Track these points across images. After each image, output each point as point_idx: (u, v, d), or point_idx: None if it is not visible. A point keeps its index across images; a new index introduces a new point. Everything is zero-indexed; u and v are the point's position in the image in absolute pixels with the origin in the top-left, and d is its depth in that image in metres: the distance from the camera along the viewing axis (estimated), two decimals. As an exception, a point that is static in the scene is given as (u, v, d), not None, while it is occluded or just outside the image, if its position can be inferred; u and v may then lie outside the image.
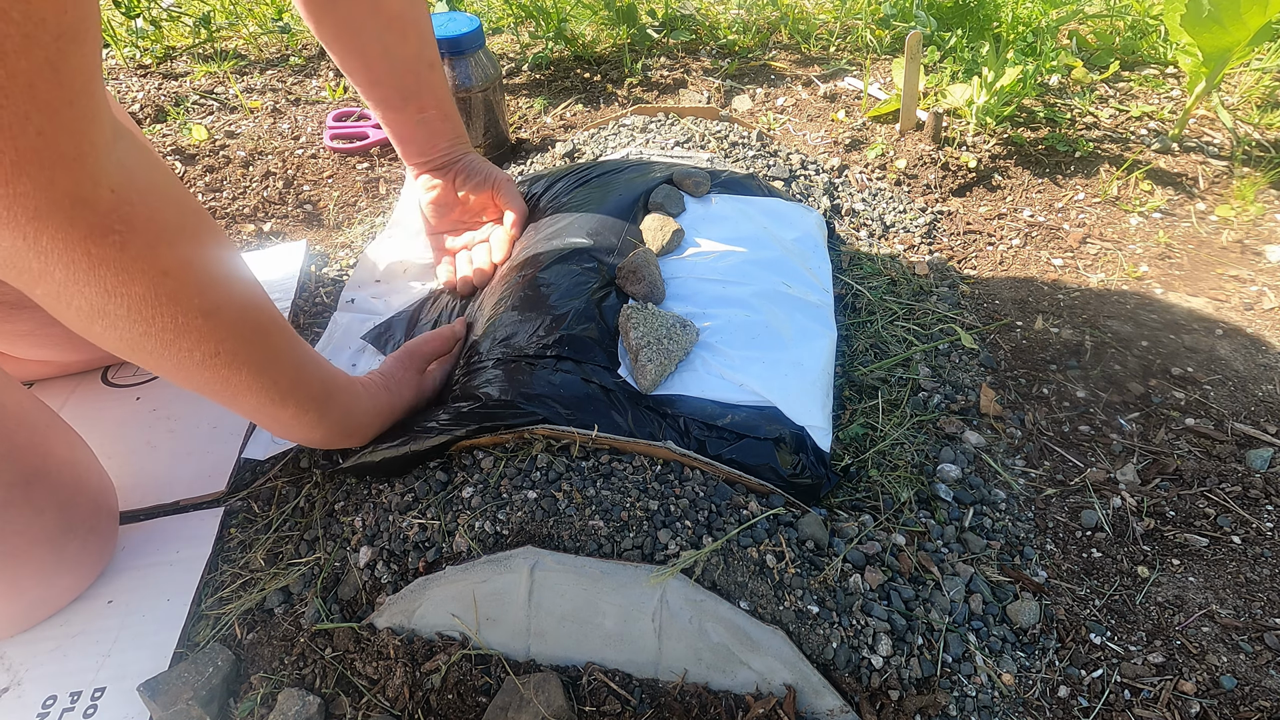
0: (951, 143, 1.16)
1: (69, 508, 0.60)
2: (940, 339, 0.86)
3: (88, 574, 0.64)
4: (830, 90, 1.33)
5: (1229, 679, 0.57)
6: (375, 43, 0.80)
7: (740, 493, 0.64)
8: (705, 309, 0.80)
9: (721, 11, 1.58)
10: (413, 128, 0.88)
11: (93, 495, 0.64)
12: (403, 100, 0.86)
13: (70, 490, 0.61)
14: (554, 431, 0.64)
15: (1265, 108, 1.19)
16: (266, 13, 1.68)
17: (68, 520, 0.60)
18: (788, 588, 0.57)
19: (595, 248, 0.83)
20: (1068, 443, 0.77)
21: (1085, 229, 1.03)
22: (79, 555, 0.62)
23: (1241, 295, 0.91)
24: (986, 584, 0.63)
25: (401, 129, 0.89)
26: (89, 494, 0.63)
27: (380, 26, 0.79)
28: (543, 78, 1.44)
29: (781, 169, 1.06)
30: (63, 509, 0.59)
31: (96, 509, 0.64)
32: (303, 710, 0.53)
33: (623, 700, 0.53)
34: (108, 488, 0.67)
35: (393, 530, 0.61)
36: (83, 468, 0.64)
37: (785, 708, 0.52)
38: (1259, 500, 0.70)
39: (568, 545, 0.58)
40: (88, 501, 0.63)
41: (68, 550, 0.60)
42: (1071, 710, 0.57)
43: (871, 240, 1.01)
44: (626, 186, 0.93)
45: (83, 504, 0.62)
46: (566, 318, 0.74)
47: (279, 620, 0.61)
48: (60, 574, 0.61)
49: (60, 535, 0.59)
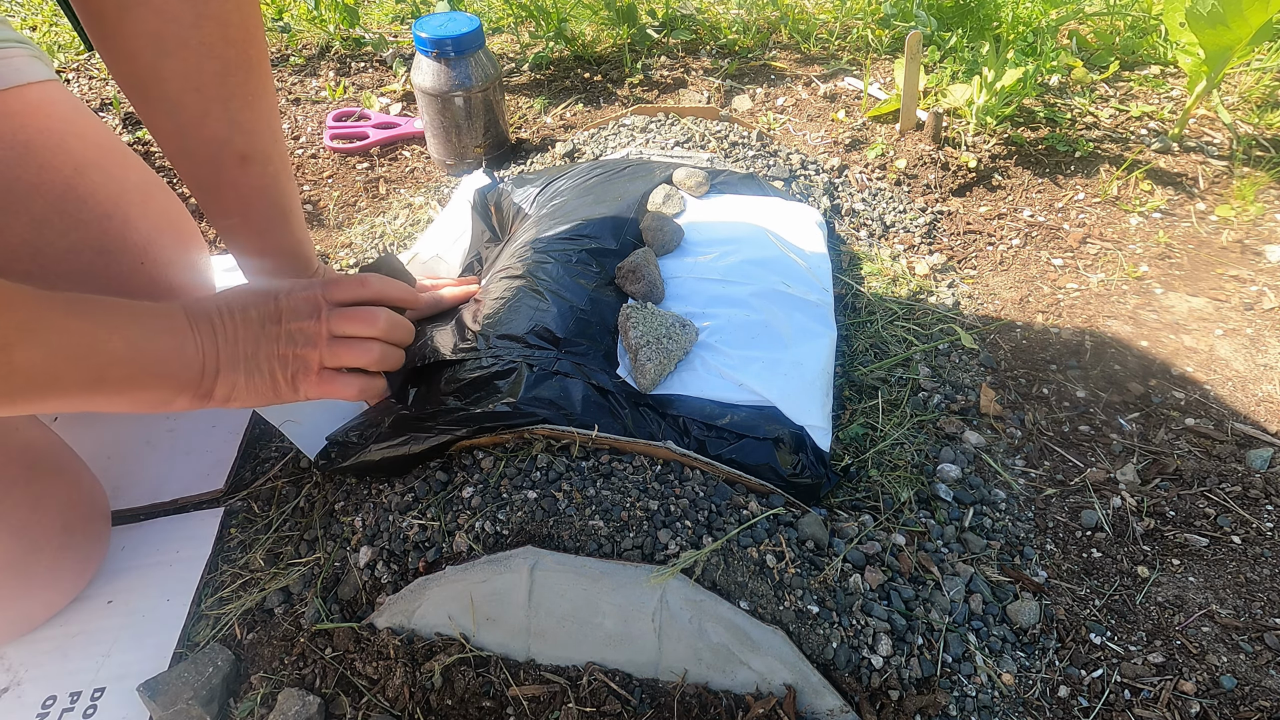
0: (951, 143, 1.16)
1: (65, 510, 0.60)
2: (940, 339, 0.86)
3: (81, 576, 0.64)
4: (830, 90, 1.33)
5: (1229, 679, 0.57)
6: (161, 100, 0.57)
7: (740, 493, 0.64)
8: (705, 308, 0.80)
9: (721, 11, 1.58)
10: (234, 244, 0.68)
11: (85, 497, 0.64)
12: (205, 200, 0.65)
13: (65, 492, 0.60)
14: (554, 431, 0.64)
15: (1265, 107, 1.19)
16: (266, 13, 1.68)
17: (64, 522, 0.60)
18: (788, 588, 0.57)
19: (595, 247, 0.83)
20: (1068, 443, 0.77)
21: (1085, 229, 1.03)
22: (73, 557, 0.62)
23: (1241, 295, 0.91)
24: (986, 584, 0.63)
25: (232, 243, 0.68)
26: (82, 495, 0.63)
27: (176, 73, 0.56)
28: (543, 78, 1.44)
29: (781, 169, 1.06)
30: (61, 511, 0.59)
31: (90, 511, 0.64)
32: (303, 710, 0.53)
33: (623, 700, 0.53)
34: (98, 488, 0.67)
35: (393, 530, 0.61)
36: (72, 471, 0.63)
37: (785, 708, 0.52)
38: (1259, 500, 0.70)
39: (568, 545, 0.58)
40: (82, 503, 0.63)
41: (61, 553, 0.60)
42: (1071, 710, 0.57)
43: (871, 240, 1.01)
44: (626, 186, 0.93)
45: (78, 506, 0.62)
46: (566, 317, 0.74)
47: (279, 620, 0.61)
48: (55, 577, 0.61)
49: (56, 537, 0.59)
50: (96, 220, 0.72)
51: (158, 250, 0.78)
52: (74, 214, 0.70)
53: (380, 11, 1.69)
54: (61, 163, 0.69)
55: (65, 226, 0.70)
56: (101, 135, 0.75)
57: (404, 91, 1.40)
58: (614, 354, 0.75)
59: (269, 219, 0.66)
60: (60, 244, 0.70)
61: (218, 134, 0.59)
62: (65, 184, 0.69)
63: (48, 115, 0.69)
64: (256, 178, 0.63)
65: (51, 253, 0.69)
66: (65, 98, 0.73)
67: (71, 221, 0.70)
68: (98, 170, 0.72)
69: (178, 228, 0.82)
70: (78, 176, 0.70)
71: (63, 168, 0.69)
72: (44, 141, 0.68)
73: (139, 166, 0.79)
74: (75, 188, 0.70)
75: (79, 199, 0.70)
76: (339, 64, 1.50)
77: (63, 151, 0.69)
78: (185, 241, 0.83)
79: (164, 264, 0.79)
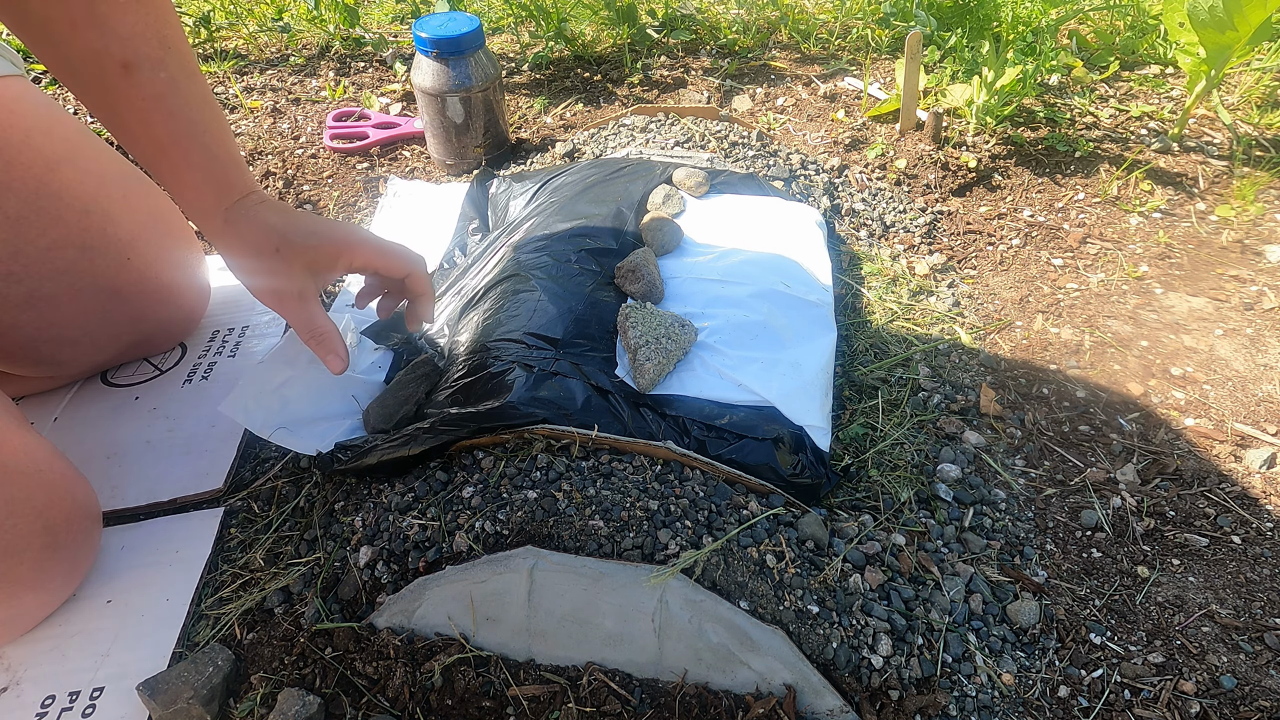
0: (951, 142, 1.16)
1: (45, 511, 0.58)
2: (940, 339, 0.86)
3: (71, 576, 0.63)
4: (830, 90, 1.33)
5: (1229, 679, 0.57)
6: (28, 16, 0.55)
7: (740, 493, 0.64)
8: (704, 309, 0.80)
9: (721, 11, 1.57)
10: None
11: (67, 496, 0.62)
12: (111, 126, 0.61)
13: (43, 493, 0.59)
14: (554, 431, 0.64)
15: (1265, 107, 1.19)
16: (266, 12, 1.68)
17: (45, 522, 0.58)
18: (788, 588, 0.57)
19: (594, 247, 0.83)
20: (1068, 443, 0.77)
21: (1085, 229, 1.03)
22: (60, 558, 0.60)
23: (1241, 295, 0.91)
24: (986, 584, 0.63)
25: None
26: (64, 495, 0.61)
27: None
28: (543, 78, 1.44)
29: (781, 169, 1.06)
30: (40, 512, 0.58)
31: (73, 510, 0.62)
32: (303, 710, 0.53)
33: (623, 700, 0.53)
34: (83, 488, 0.65)
35: (393, 530, 0.61)
36: (52, 471, 0.61)
37: (785, 708, 0.52)
38: (1259, 500, 0.70)
39: (568, 545, 0.58)
40: (63, 503, 0.61)
41: (46, 554, 0.58)
42: (1071, 710, 0.57)
43: (871, 240, 1.01)
44: (626, 186, 0.93)
45: (59, 506, 0.60)
46: (564, 317, 0.74)
47: (279, 620, 0.61)
48: (42, 578, 0.59)
49: (38, 538, 0.58)
50: (75, 216, 0.71)
51: (143, 245, 0.77)
52: (51, 210, 0.69)
53: (380, 11, 1.69)
54: (30, 159, 0.68)
55: (44, 224, 0.69)
56: (72, 130, 0.74)
57: (404, 91, 1.40)
58: (613, 354, 0.75)
59: (174, 134, 0.60)
60: (40, 241, 0.69)
61: (91, 44, 0.56)
62: (38, 180, 0.69)
63: (10, 111, 0.68)
64: (147, 86, 0.58)
65: (32, 251, 0.69)
66: (30, 93, 0.72)
67: (49, 219, 0.69)
68: (71, 166, 0.71)
69: (163, 222, 0.82)
70: (50, 173, 0.69)
71: (33, 164, 0.68)
72: (8, 137, 0.67)
73: (116, 160, 0.78)
74: (49, 184, 0.69)
75: (54, 195, 0.70)
76: (339, 64, 1.50)
77: (29, 147, 0.68)
78: (172, 235, 0.83)
79: (151, 259, 0.78)
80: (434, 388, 0.74)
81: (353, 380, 0.78)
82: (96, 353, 0.80)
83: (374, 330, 0.87)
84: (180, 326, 0.87)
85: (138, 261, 0.76)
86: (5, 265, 0.67)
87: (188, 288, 0.86)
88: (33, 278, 0.69)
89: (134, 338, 0.82)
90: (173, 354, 0.88)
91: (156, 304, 0.81)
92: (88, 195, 0.72)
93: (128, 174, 0.78)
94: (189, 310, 0.87)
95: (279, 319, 0.92)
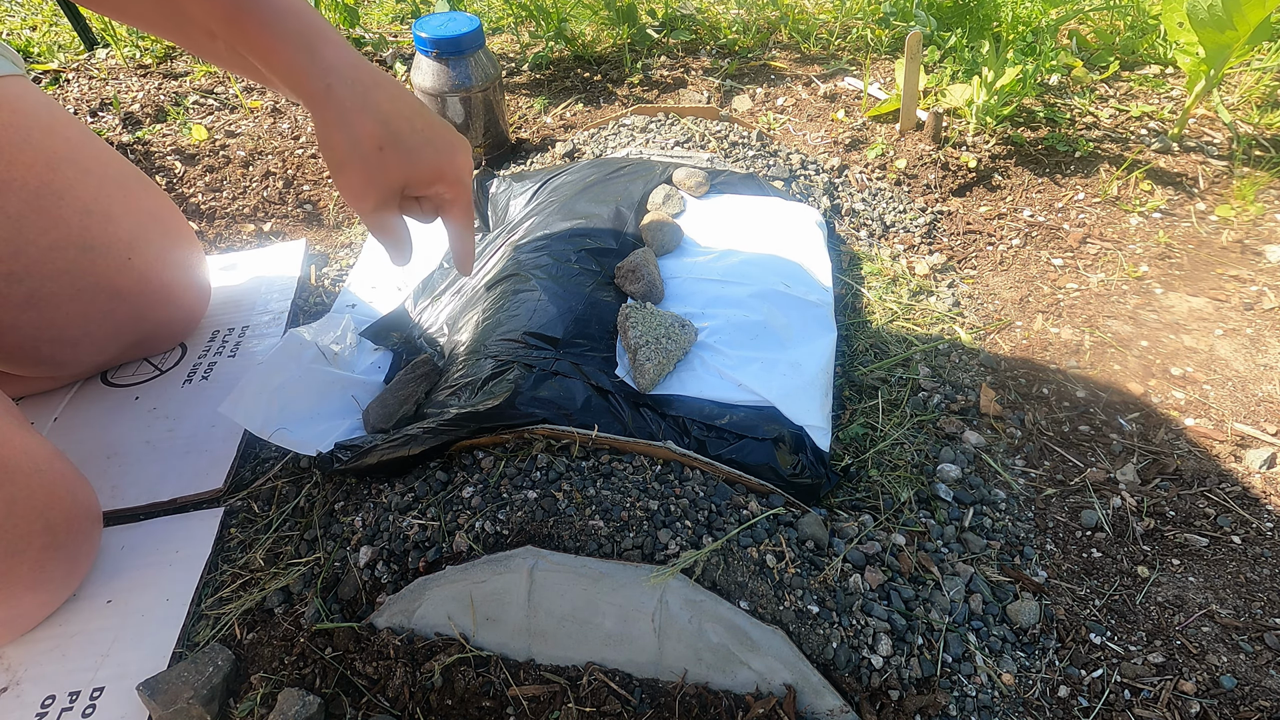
0: (951, 142, 1.16)
1: (46, 510, 0.58)
2: (940, 339, 0.86)
3: (71, 576, 0.63)
4: (830, 90, 1.33)
5: (1229, 679, 0.57)
6: None
7: (740, 493, 0.64)
8: (704, 309, 0.80)
9: (721, 11, 1.57)
10: None
11: (67, 496, 0.62)
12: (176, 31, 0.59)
13: (44, 493, 0.59)
14: (554, 431, 0.64)
15: (1265, 107, 1.19)
16: (266, 12, 1.68)
17: (46, 522, 0.58)
18: (788, 588, 0.57)
19: (594, 247, 0.83)
20: (1068, 443, 0.77)
21: (1085, 229, 1.03)
22: (60, 557, 0.60)
23: (1241, 295, 0.91)
24: (986, 584, 0.63)
25: None
26: (64, 495, 0.61)
27: None
28: (543, 78, 1.44)
29: (781, 169, 1.06)
30: (41, 512, 0.58)
31: (74, 510, 0.62)
32: (303, 710, 0.53)
33: (623, 700, 0.53)
34: (83, 488, 0.65)
35: (393, 530, 0.61)
36: (52, 470, 0.61)
37: (785, 708, 0.52)
38: (1259, 500, 0.70)
39: (568, 545, 0.58)
40: (64, 503, 0.61)
41: (46, 554, 0.58)
42: (1071, 710, 0.57)
43: (871, 240, 1.01)
44: (626, 186, 0.93)
45: (59, 506, 0.60)
46: (564, 317, 0.74)
47: (279, 620, 0.61)
48: (43, 578, 0.60)
49: (39, 537, 0.58)
50: (76, 216, 0.71)
51: (144, 245, 0.77)
52: (52, 210, 0.69)
53: (380, 11, 1.69)
54: (31, 158, 0.68)
55: (45, 224, 0.69)
56: (73, 131, 0.74)
57: (404, 91, 1.40)
58: (613, 354, 0.75)
59: (240, 6, 0.55)
60: (41, 241, 0.69)
61: None
62: (39, 180, 0.69)
63: (11, 110, 0.68)
64: None
65: (33, 251, 0.69)
66: (30, 93, 0.72)
67: (51, 219, 0.69)
68: (71, 165, 0.72)
69: (163, 222, 0.82)
70: (51, 172, 0.70)
71: (33, 163, 0.68)
72: (9, 137, 0.67)
73: (117, 161, 0.78)
74: (50, 183, 0.69)
75: (55, 195, 0.70)
76: (339, 64, 1.50)
77: (30, 147, 0.69)
78: (173, 235, 0.83)
79: (152, 259, 0.78)
80: (434, 388, 0.74)
81: (352, 380, 0.78)
82: (97, 353, 0.80)
83: (373, 330, 0.87)
84: (180, 326, 0.87)
85: (138, 261, 0.76)
86: (7, 265, 0.67)
87: (188, 288, 0.86)
88: (34, 278, 0.69)
89: (134, 338, 0.82)
90: (173, 354, 0.88)
91: (157, 304, 0.81)
92: (89, 195, 0.72)
93: (128, 174, 0.79)
94: (189, 310, 0.87)
95: (279, 319, 0.92)
